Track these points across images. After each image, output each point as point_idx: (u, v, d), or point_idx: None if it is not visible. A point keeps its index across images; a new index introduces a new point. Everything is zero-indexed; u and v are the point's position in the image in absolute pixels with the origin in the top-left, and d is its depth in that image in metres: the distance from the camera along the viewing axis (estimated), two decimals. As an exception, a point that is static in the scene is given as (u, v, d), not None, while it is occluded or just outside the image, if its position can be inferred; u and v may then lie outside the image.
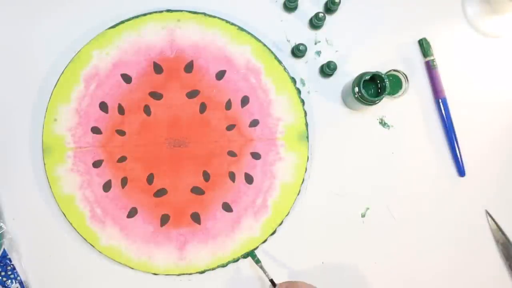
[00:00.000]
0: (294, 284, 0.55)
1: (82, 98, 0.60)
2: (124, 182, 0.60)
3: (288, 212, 0.60)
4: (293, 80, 0.61)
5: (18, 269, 0.61)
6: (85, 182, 0.60)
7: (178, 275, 0.60)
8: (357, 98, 0.57)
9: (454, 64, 0.63)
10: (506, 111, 0.64)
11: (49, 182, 0.60)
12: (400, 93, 0.61)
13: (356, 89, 0.57)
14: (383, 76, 0.56)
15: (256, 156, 0.61)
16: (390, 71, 0.61)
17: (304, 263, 0.62)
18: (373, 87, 0.59)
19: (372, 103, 0.57)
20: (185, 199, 0.60)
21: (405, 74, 0.60)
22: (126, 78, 0.61)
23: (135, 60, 0.61)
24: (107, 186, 0.60)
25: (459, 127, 0.63)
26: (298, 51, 0.61)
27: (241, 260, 0.61)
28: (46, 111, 0.60)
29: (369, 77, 0.56)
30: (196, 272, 0.60)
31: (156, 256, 0.60)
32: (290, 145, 0.60)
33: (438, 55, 0.63)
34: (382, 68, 0.62)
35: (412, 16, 0.63)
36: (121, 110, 0.61)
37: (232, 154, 0.61)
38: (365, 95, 0.56)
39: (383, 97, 0.56)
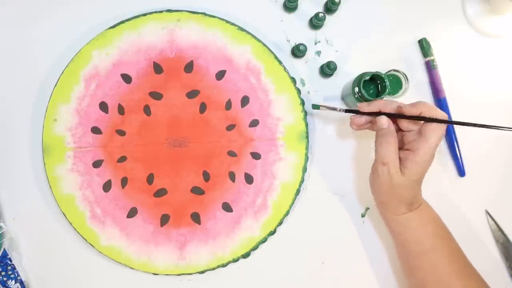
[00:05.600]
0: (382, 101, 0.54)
1: (82, 98, 0.60)
2: (124, 182, 0.60)
3: (288, 212, 0.60)
4: (293, 80, 0.61)
5: (18, 269, 0.61)
6: (85, 182, 0.60)
7: (178, 275, 0.60)
8: (357, 98, 0.57)
9: (454, 64, 0.63)
10: (506, 111, 0.64)
11: (49, 182, 0.60)
12: (400, 93, 0.61)
13: (356, 89, 0.57)
14: (383, 76, 0.56)
15: (256, 156, 0.61)
16: (390, 71, 0.61)
17: (304, 263, 0.62)
18: (373, 87, 0.59)
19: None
20: (185, 199, 0.60)
21: (405, 74, 0.60)
22: (126, 78, 0.61)
23: (135, 60, 0.61)
24: (107, 186, 0.60)
25: (459, 127, 0.63)
26: (298, 51, 0.61)
27: (241, 260, 0.61)
28: (46, 111, 0.60)
29: (369, 77, 0.56)
30: (196, 272, 0.60)
31: (156, 256, 0.60)
32: (290, 145, 0.60)
33: (438, 55, 0.63)
34: (382, 68, 0.62)
35: (412, 16, 0.63)
36: (121, 110, 0.61)
37: (232, 154, 0.61)
38: (365, 95, 0.56)
39: (383, 97, 0.56)
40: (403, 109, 0.52)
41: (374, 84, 0.59)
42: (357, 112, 0.55)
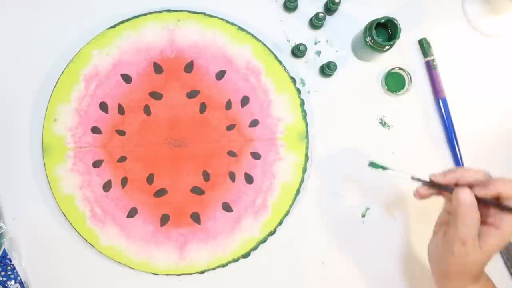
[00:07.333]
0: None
1: (82, 98, 0.60)
2: (124, 182, 0.60)
3: (288, 212, 0.60)
4: (293, 80, 0.61)
5: (18, 269, 0.61)
6: (85, 182, 0.60)
7: (178, 275, 0.60)
8: (369, 46, 0.57)
9: (454, 64, 0.63)
10: (506, 111, 0.64)
11: (49, 182, 0.60)
12: (402, 91, 0.61)
13: (369, 37, 0.56)
14: (393, 19, 0.55)
15: (256, 156, 0.61)
16: (394, 68, 0.61)
17: (304, 263, 0.62)
18: (384, 34, 0.59)
19: (383, 48, 0.57)
20: (185, 199, 0.60)
21: (409, 73, 0.61)
22: (126, 78, 0.61)
23: (135, 60, 0.61)
24: (107, 186, 0.60)
25: (459, 127, 0.63)
26: (298, 51, 0.61)
27: (241, 260, 0.61)
28: (46, 111, 0.60)
29: (382, 21, 0.55)
30: (196, 272, 0.60)
31: (156, 256, 0.60)
32: (290, 145, 0.60)
33: (438, 55, 0.63)
34: (382, 68, 0.62)
35: (412, 16, 0.63)
36: (121, 110, 0.61)
37: (232, 154, 0.61)
38: (378, 40, 0.55)
39: (395, 41, 0.56)
40: (475, 190, 0.45)
41: (385, 31, 0.58)
42: (426, 182, 0.48)
